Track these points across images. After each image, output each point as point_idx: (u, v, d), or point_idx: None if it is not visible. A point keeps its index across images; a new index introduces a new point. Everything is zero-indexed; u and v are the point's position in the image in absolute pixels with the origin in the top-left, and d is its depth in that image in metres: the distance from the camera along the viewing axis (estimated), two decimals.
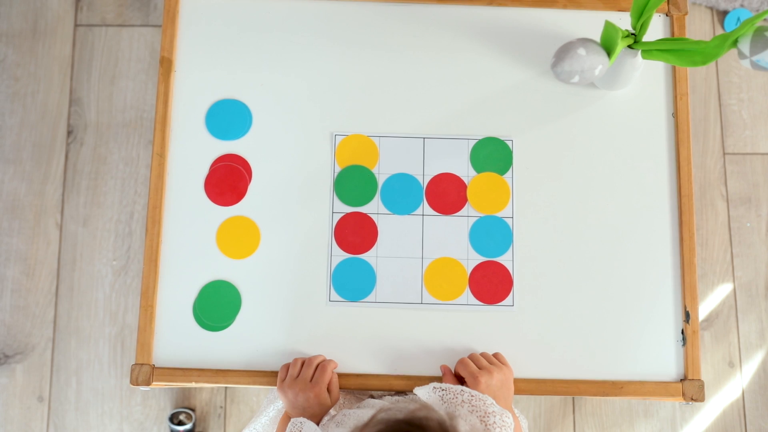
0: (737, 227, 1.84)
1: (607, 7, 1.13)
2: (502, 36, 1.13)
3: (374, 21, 1.13)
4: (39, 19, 1.88)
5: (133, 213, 1.80)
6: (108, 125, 1.83)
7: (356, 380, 1.03)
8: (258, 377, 1.03)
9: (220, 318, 1.04)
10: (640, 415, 1.76)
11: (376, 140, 1.10)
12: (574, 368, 1.04)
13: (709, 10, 1.93)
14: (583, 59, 0.95)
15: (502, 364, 0.99)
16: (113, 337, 1.75)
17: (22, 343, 1.74)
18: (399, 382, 1.03)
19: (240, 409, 1.72)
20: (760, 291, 1.81)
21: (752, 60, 0.86)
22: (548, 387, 1.03)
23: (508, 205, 1.08)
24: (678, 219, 1.08)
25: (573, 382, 1.04)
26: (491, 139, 1.10)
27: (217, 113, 1.11)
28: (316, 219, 1.07)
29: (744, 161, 1.87)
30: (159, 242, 1.06)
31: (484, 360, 0.99)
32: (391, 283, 1.06)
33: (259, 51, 1.12)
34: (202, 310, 1.04)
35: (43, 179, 1.81)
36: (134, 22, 1.88)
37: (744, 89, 1.90)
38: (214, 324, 1.04)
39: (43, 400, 1.72)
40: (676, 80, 1.11)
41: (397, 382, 1.03)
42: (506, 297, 1.06)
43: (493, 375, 0.96)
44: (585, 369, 1.04)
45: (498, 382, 0.96)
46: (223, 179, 1.08)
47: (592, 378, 1.04)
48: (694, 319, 1.05)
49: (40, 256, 1.78)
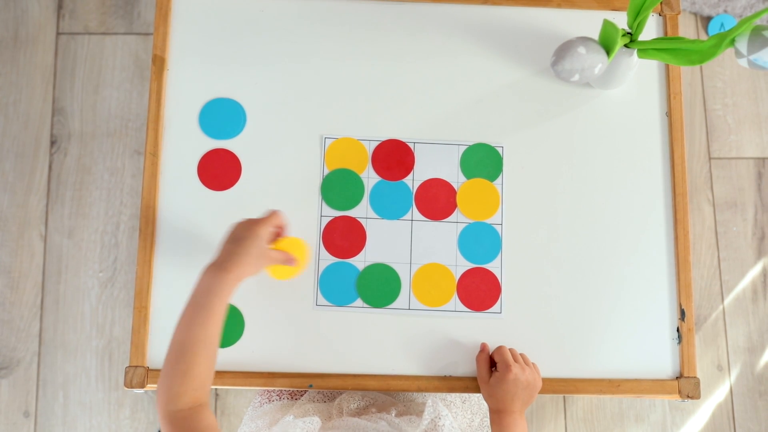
0: (723, 231, 1.85)
1: (601, 6, 1.13)
2: (496, 35, 1.13)
3: (368, 20, 1.13)
4: (20, 28, 1.86)
5: (119, 224, 1.78)
6: (92, 135, 1.81)
7: (353, 381, 1.03)
8: (251, 378, 1.02)
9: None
10: (631, 419, 1.76)
11: (366, 144, 1.09)
12: (570, 369, 1.04)
13: (693, 15, 1.95)
14: (584, 57, 0.95)
15: (537, 373, 1.00)
16: (100, 350, 1.72)
17: (6, 357, 1.71)
18: (394, 382, 1.03)
19: (230, 421, 1.70)
20: (747, 294, 1.82)
21: (750, 59, 0.87)
22: (545, 386, 1.02)
23: (498, 212, 1.08)
24: (672, 217, 1.08)
25: (570, 380, 1.03)
26: (482, 145, 1.09)
27: (210, 112, 1.10)
28: (304, 222, 1.07)
29: (729, 166, 1.88)
30: (153, 242, 1.05)
31: (522, 360, 1.00)
32: None
33: (252, 50, 1.12)
34: None
35: (26, 190, 1.79)
36: (118, 30, 1.86)
37: (729, 94, 1.92)
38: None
39: (29, 415, 1.70)
40: (670, 80, 1.11)
41: (373, 383, 1.03)
42: (494, 304, 1.05)
43: (525, 372, 0.97)
44: (581, 369, 1.04)
45: (525, 382, 0.97)
46: (216, 165, 1.08)
47: (588, 377, 1.04)
48: (689, 317, 1.05)
49: (24, 268, 1.75)
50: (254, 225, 0.92)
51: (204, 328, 0.84)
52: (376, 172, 1.08)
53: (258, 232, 0.91)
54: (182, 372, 0.82)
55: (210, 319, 0.85)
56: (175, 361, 0.83)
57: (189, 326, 0.85)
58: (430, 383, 1.02)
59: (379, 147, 1.09)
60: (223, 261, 0.89)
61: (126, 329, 1.73)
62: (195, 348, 0.83)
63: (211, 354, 0.85)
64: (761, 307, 1.82)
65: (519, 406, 0.97)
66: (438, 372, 1.03)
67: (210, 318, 0.85)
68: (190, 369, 0.83)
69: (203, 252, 1.05)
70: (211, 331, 0.85)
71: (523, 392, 0.97)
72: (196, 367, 0.83)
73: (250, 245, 0.90)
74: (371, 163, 1.08)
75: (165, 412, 0.81)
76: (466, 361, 1.04)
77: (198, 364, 0.83)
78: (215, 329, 0.86)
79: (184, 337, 0.84)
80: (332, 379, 1.03)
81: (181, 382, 0.82)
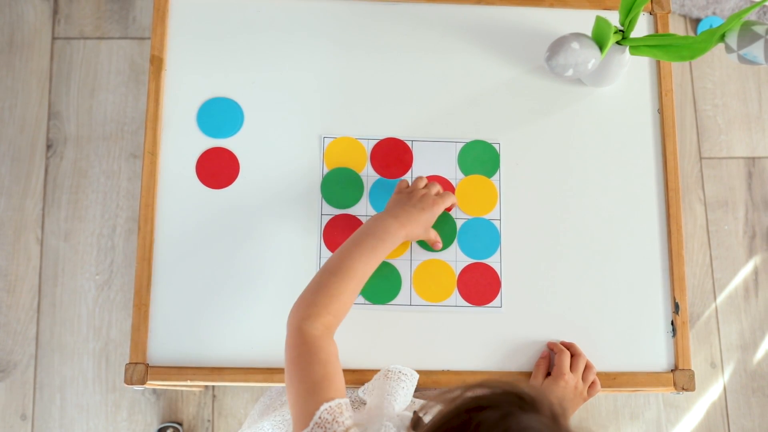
0: (715, 230, 1.87)
1: (593, 5, 1.15)
2: (489, 34, 1.14)
3: (364, 20, 1.14)
4: (15, 32, 1.86)
5: (116, 227, 1.78)
6: (88, 138, 1.82)
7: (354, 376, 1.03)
8: (253, 374, 1.02)
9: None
10: (626, 417, 1.77)
11: (365, 143, 1.10)
12: None
13: (683, 17, 1.98)
14: (577, 53, 0.96)
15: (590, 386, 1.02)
16: (97, 353, 1.72)
17: (3, 360, 1.71)
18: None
19: (228, 422, 1.70)
20: (739, 292, 1.84)
21: (739, 54, 0.88)
22: None
23: (496, 207, 1.09)
24: (666, 212, 1.09)
25: None
26: (478, 142, 1.11)
27: (208, 111, 1.11)
28: (305, 220, 1.07)
29: (720, 165, 1.91)
30: (152, 240, 1.06)
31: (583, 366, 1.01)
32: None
33: (249, 50, 1.12)
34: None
35: (22, 194, 1.79)
36: (113, 35, 1.87)
37: (718, 95, 1.94)
38: None
39: (26, 418, 1.69)
40: (661, 77, 1.13)
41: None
42: (494, 298, 1.06)
43: (577, 385, 1.00)
44: None
45: (571, 393, 0.99)
46: (214, 163, 1.09)
47: None
48: (683, 310, 1.07)
49: (21, 271, 1.75)
50: (435, 204, 1.00)
51: (364, 264, 0.91)
52: (375, 170, 1.09)
53: (435, 211, 1.00)
54: (330, 294, 0.88)
55: (372, 259, 0.92)
56: (327, 282, 0.89)
57: (351, 256, 0.91)
58: (429, 378, 1.03)
59: (378, 145, 1.10)
60: (403, 219, 0.97)
61: (123, 331, 1.73)
62: (350, 278, 0.90)
63: (357, 289, 0.92)
64: (753, 304, 1.84)
65: None
66: (439, 367, 1.04)
67: (372, 258, 0.92)
68: (339, 294, 0.89)
69: (202, 249, 1.06)
70: (367, 269, 0.92)
71: (567, 402, 0.98)
72: (344, 295, 0.89)
73: (427, 219, 0.99)
74: (370, 161, 1.10)
75: (298, 325, 0.86)
76: (467, 356, 1.05)
77: (346, 292, 0.89)
78: (370, 270, 0.93)
79: (344, 264, 0.91)
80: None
81: (328, 302, 0.88)
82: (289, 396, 0.84)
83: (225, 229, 1.07)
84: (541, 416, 0.57)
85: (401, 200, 1.00)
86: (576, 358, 1.02)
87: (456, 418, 0.57)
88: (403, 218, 0.97)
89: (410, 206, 0.98)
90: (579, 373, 1.00)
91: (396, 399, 0.91)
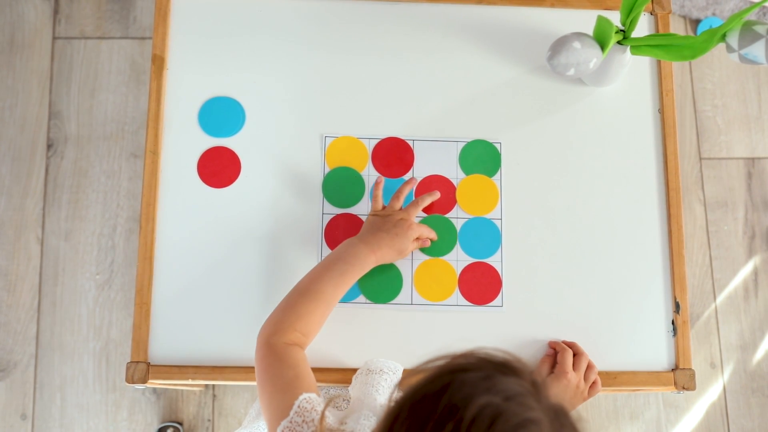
0: (715, 230, 1.87)
1: (593, 5, 1.15)
2: (491, 34, 1.15)
3: (366, 20, 1.14)
4: (16, 32, 1.87)
5: (116, 226, 1.78)
6: (89, 138, 1.82)
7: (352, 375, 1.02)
8: (252, 373, 1.01)
9: None
10: (626, 417, 1.77)
11: (366, 142, 1.10)
12: None
13: (683, 18, 1.98)
14: (579, 52, 0.96)
15: (591, 386, 1.02)
16: (97, 352, 1.72)
17: (3, 360, 1.71)
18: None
19: (228, 422, 1.70)
20: (739, 292, 1.85)
21: (740, 53, 0.88)
22: None
23: (497, 207, 1.09)
24: (666, 212, 1.10)
25: None
26: (480, 141, 1.11)
27: (210, 110, 1.11)
28: (306, 219, 1.07)
29: (720, 166, 1.91)
30: (153, 239, 1.06)
31: (585, 365, 1.01)
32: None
33: (251, 49, 1.13)
34: None
35: (23, 194, 1.79)
36: (114, 35, 1.87)
37: (718, 96, 1.95)
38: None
39: (26, 417, 1.69)
40: (662, 77, 1.13)
41: None
42: (495, 298, 1.06)
43: (579, 384, 1.00)
44: None
45: (573, 392, 0.99)
46: (215, 163, 1.09)
47: None
48: (684, 310, 1.07)
49: (21, 271, 1.75)
50: (410, 230, 1.01)
51: (333, 287, 0.94)
52: (377, 169, 1.09)
53: (410, 235, 1.01)
54: (298, 313, 0.91)
55: (341, 284, 0.95)
56: (294, 302, 0.92)
57: (321, 279, 0.94)
58: None
59: (379, 145, 1.10)
60: (374, 245, 0.98)
61: (123, 331, 1.73)
62: (318, 300, 0.92)
63: (326, 312, 0.94)
64: (753, 305, 1.84)
65: None
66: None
67: (341, 283, 0.95)
68: (307, 314, 0.91)
69: (203, 248, 1.06)
70: (337, 292, 0.94)
71: (568, 401, 0.99)
72: (311, 316, 0.92)
73: (400, 245, 1.00)
74: (371, 160, 1.10)
75: (266, 340, 0.89)
76: None
77: (315, 313, 0.92)
78: (339, 294, 0.95)
79: (312, 286, 0.93)
80: (334, 374, 1.03)
81: (294, 320, 0.90)
82: (263, 400, 0.86)
83: (226, 228, 1.07)
84: (521, 380, 0.60)
85: (375, 224, 1.01)
86: (578, 357, 1.02)
87: (439, 379, 0.59)
88: (373, 245, 0.98)
89: (383, 232, 0.99)
90: (581, 372, 1.01)
91: (378, 390, 0.92)
